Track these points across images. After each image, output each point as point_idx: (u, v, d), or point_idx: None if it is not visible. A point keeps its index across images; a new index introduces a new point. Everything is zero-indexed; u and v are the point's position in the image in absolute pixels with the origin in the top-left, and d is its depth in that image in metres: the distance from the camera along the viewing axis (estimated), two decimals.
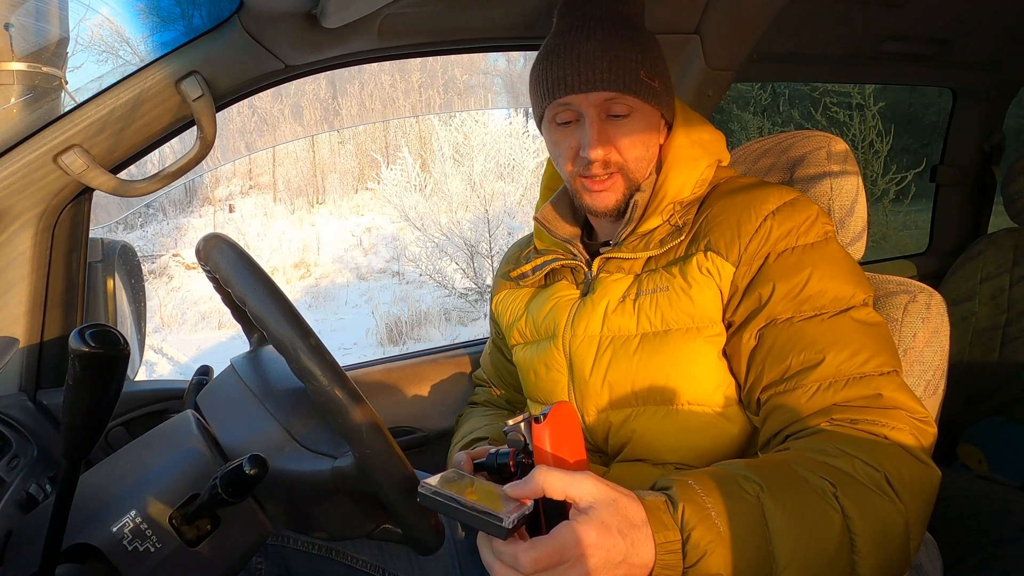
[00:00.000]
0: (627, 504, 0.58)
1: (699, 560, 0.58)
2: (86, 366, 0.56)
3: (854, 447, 0.68)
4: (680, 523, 0.59)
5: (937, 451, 0.72)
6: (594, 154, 0.86)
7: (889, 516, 0.64)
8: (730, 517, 0.60)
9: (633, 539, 0.56)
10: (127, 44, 1.25)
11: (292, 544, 1.01)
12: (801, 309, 0.78)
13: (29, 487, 0.88)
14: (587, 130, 0.87)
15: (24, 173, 0.99)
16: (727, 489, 0.62)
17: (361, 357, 1.78)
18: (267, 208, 11.34)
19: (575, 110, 0.88)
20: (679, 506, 0.59)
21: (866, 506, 0.64)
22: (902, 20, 1.54)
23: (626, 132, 0.88)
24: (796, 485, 0.64)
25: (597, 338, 0.89)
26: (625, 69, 0.85)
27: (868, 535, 0.63)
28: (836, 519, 0.62)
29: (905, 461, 0.67)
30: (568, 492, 0.57)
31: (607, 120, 0.88)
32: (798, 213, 0.83)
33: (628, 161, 0.89)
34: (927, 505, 0.68)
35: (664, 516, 0.59)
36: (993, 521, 1.17)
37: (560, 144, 0.91)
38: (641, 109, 0.88)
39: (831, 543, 0.62)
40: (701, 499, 0.60)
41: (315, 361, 0.67)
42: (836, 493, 0.63)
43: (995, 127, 2.05)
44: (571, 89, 0.86)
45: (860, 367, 0.74)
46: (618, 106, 0.87)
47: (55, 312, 1.10)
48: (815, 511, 0.62)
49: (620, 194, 0.90)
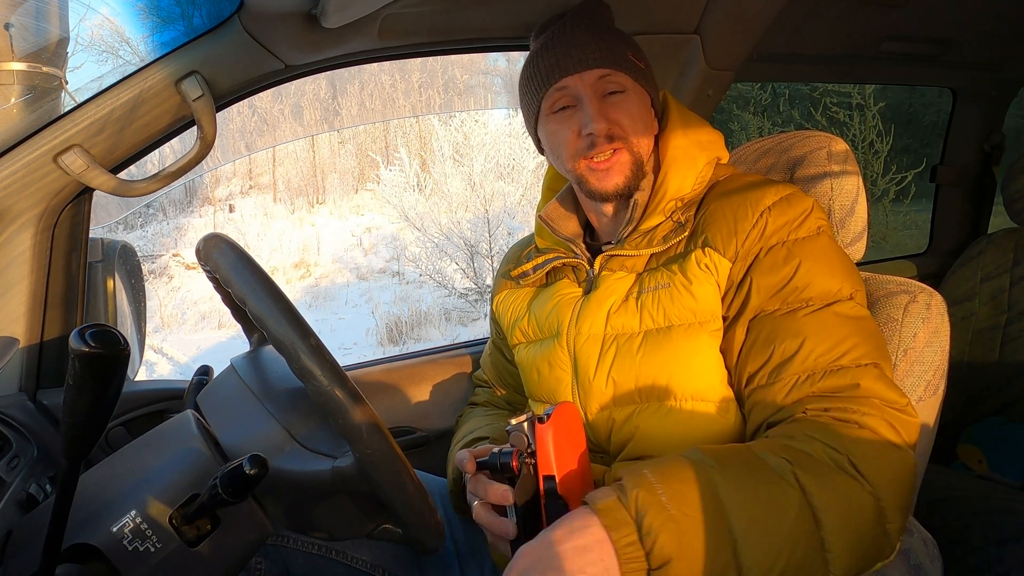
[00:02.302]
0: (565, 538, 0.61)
1: (655, 544, 0.60)
2: (86, 366, 0.56)
3: (820, 432, 0.70)
4: (634, 512, 0.62)
5: (937, 451, 0.73)
6: (597, 127, 0.88)
7: (854, 493, 0.66)
8: (681, 499, 0.63)
9: (581, 566, 0.59)
10: (127, 44, 1.25)
11: (292, 544, 1.01)
12: (787, 301, 0.79)
13: (29, 487, 0.88)
14: (587, 108, 0.89)
15: (24, 173, 0.99)
16: (679, 474, 0.65)
17: (361, 357, 1.78)
18: (267, 208, 11.34)
19: (571, 94, 0.90)
20: (630, 494, 0.63)
21: (826, 482, 0.65)
22: (902, 20, 1.54)
23: (624, 109, 0.90)
24: (750, 464, 0.67)
25: (601, 336, 0.89)
26: (614, 49, 0.90)
27: (831, 510, 0.64)
28: (792, 494, 0.64)
29: (872, 445, 0.69)
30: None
31: (604, 99, 0.90)
32: (793, 208, 0.84)
33: (630, 136, 0.90)
34: (901, 488, 0.69)
35: (618, 512, 0.62)
36: (993, 521, 1.17)
37: (559, 132, 0.92)
38: (634, 88, 0.91)
39: (789, 516, 0.64)
40: (652, 485, 0.63)
41: (315, 361, 0.67)
42: (794, 471, 0.66)
43: (995, 127, 2.05)
44: (565, 71, 0.89)
45: (838, 359, 0.75)
46: (612, 84, 0.90)
47: (55, 312, 1.10)
48: (769, 486, 0.65)
49: (627, 171, 0.91)
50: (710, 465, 0.66)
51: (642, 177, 0.92)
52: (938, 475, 0.74)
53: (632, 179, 0.91)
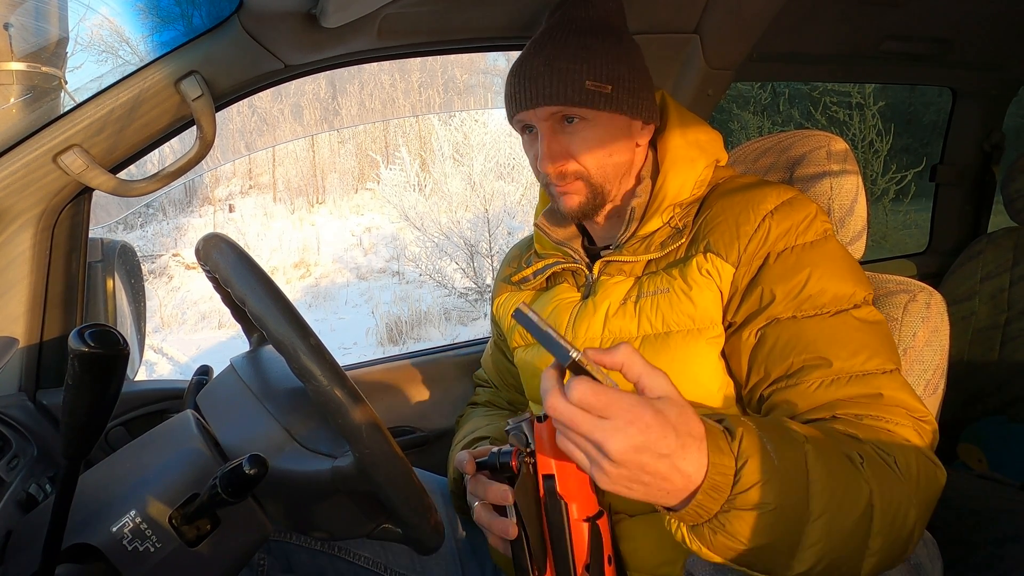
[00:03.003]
0: (692, 417, 0.57)
1: (752, 486, 0.57)
2: (86, 366, 0.56)
3: (864, 433, 0.68)
4: (736, 451, 0.58)
5: (937, 450, 0.73)
6: (545, 166, 0.89)
7: (904, 500, 0.64)
8: (782, 457, 0.60)
9: (685, 444, 0.55)
10: (127, 44, 1.25)
11: (295, 540, 1.01)
12: (802, 308, 0.78)
13: (29, 487, 0.88)
14: (540, 143, 0.89)
15: (24, 173, 0.99)
16: (780, 432, 0.62)
17: (361, 357, 1.78)
18: (267, 208, 11.34)
19: (531, 121, 0.90)
20: (737, 435, 0.59)
21: (886, 484, 0.64)
22: (902, 20, 1.54)
23: (581, 140, 0.89)
24: (832, 445, 0.64)
25: (598, 340, 0.89)
26: (567, 82, 0.86)
27: (885, 511, 0.63)
28: (865, 489, 0.62)
29: (912, 453, 0.68)
30: (643, 380, 0.57)
31: (562, 131, 0.89)
32: (796, 212, 0.83)
33: (589, 168, 0.89)
34: (931, 501, 0.68)
35: (721, 442, 0.58)
36: (993, 521, 1.17)
37: (528, 152, 0.94)
38: (595, 117, 0.88)
39: (859, 506, 0.62)
40: (758, 434, 0.60)
41: (315, 361, 0.67)
42: (863, 464, 0.64)
43: (995, 127, 2.05)
44: (520, 106, 0.89)
45: (861, 365, 0.74)
46: (567, 117, 0.88)
47: (55, 312, 1.10)
48: (848, 472, 0.63)
49: (583, 197, 0.91)
50: (804, 435, 0.64)
51: (602, 200, 0.92)
52: None
53: (588, 203, 0.91)
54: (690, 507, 0.57)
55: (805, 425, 0.68)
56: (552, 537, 0.69)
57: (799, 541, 0.60)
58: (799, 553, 0.60)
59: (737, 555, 0.59)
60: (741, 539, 0.58)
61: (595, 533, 0.69)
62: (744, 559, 0.60)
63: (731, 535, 0.58)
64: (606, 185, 0.91)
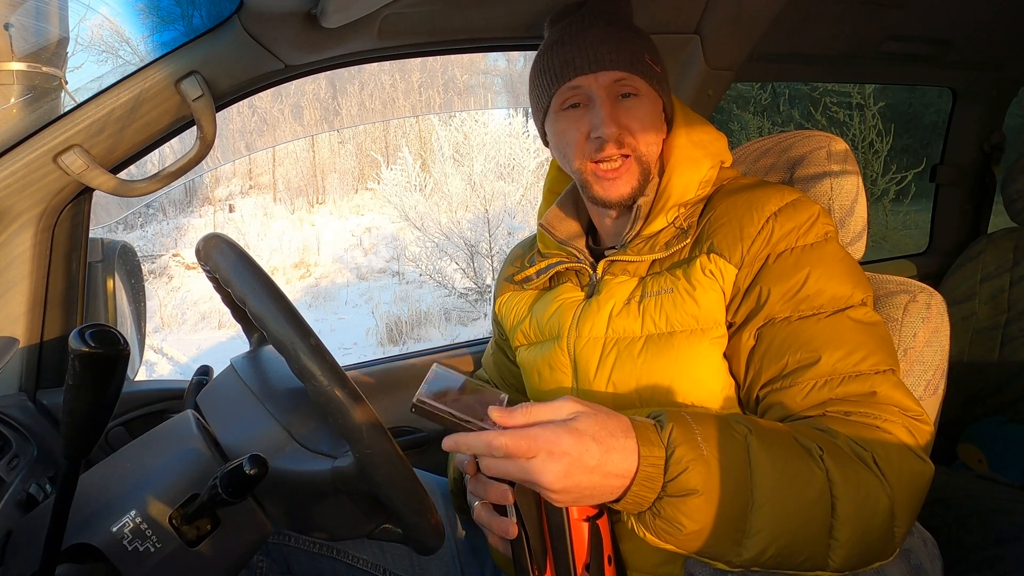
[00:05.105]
0: (608, 418, 0.62)
1: (679, 474, 0.61)
2: (86, 366, 0.56)
3: (845, 428, 0.70)
4: (666, 441, 0.62)
5: (937, 451, 0.73)
6: (608, 131, 0.86)
7: (872, 489, 0.66)
8: (716, 445, 0.63)
9: (609, 448, 0.60)
10: (127, 44, 1.25)
11: (293, 542, 1.01)
12: (799, 308, 0.78)
13: (29, 487, 0.88)
14: (599, 110, 0.86)
15: (24, 173, 0.99)
16: (717, 424, 0.66)
17: (361, 357, 1.78)
18: (267, 208, 11.34)
19: (584, 93, 0.88)
20: (667, 426, 0.63)
21: (849, 472, 0.66)
22: (902, 20, 1.54)
23: (636, 115, 0.88)
24: (784, 438, 0.67)
25: (602, 340, 0.89)
26: (631, 51, 0.87)
27: (849, 501, 0.65)
28: (818, 475, 0.65)
29: (895, 448, 0.69)
30: (549, 414, 0.62)
31: (617, 102, 0.88)
32: (799, 214, 0.83)
33: (640, 144, 0.89)
34: (916, 495, 0.69)
35: (651, 434, 0.63)
36: (993, 521, 1.17)
37: (568, 132, 0.90)
38: (648, 93, 0.89)
39: (809, 496, 0.64)
40: (689, 424, 0.64)
41: (315, 361, 0.67)
42: (823, 455, 0.66)
43: (995, 127, 2.05)
44: (580, 70, 0.87)
45: (856, 365, 0.74)
46: (627, 87, 0.87)
47: (55, 312, 1.10)
48: (799, 462, 0.65)
49: (635, 181, 0.89)
50: (746, 426, 0.67)
51: (645, 186, 0.91)
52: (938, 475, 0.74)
53: (639, 188, 0.90)
54: (628, 498, 0.62)
55: (768, 421, 0.71)
56: (552, 537, 0.69)
57: (744, 527, 0.63)
58: (746, 540, 0.63)
59: (679, 541, 0.63)
60: (678, 524, 0.62)
61: (595, 533, 0.69)
62: (687, 545, 0.63)
63: (667, 520, 0.62)
64: (652, 170, 0.91)
